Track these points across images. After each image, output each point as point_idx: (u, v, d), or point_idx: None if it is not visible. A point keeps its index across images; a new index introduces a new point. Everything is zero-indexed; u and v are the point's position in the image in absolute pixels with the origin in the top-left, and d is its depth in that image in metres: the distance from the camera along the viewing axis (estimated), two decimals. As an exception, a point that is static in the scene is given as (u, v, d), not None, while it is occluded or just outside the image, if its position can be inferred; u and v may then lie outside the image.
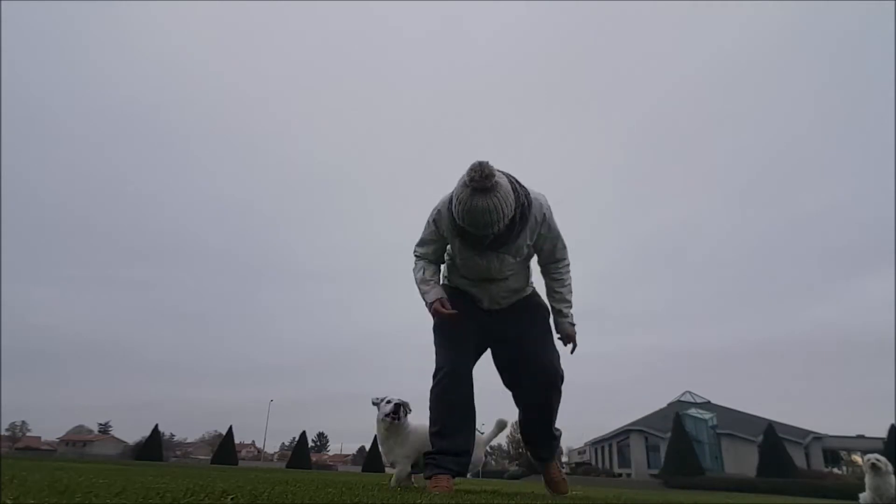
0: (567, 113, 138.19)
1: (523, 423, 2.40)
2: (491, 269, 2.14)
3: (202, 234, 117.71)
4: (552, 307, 2.34)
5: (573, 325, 2.31)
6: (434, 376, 2.20)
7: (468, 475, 2.31)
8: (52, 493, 1.15)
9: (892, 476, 4.79)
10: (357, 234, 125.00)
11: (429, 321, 2.27)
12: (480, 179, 1.78)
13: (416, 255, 2.31)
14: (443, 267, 2.42)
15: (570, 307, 2.32)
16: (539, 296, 2.43)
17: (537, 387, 2.26)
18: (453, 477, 2.13)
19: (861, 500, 4.97)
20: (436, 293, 2.19)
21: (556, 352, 2.31)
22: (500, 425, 2.91)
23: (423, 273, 2.24)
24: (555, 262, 2.28)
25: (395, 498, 1.48)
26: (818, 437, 26.33)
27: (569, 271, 2.32)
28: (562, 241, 2.22)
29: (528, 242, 2.11)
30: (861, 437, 26.95)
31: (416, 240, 2.31)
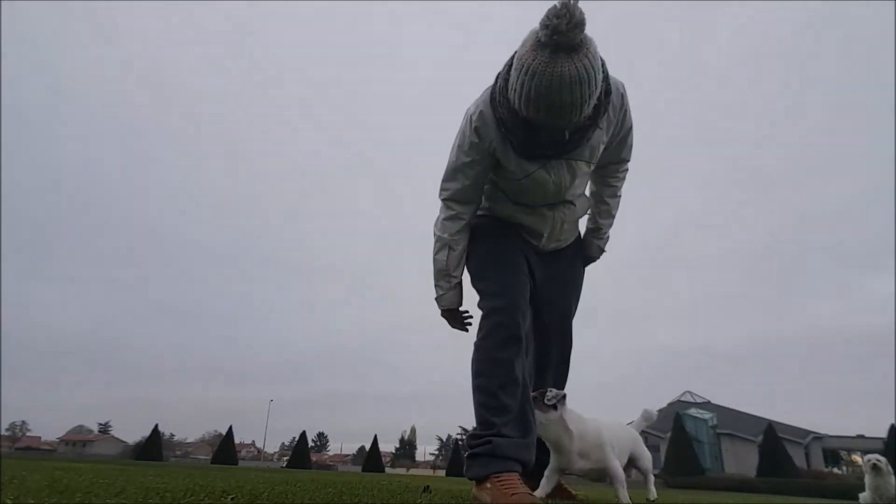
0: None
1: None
2: (562, 184, 1.54)
3: (202, 233, 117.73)
4: (591, 222, 1.85)
5: (603, 250, 1.88)
6: (484, 322, 1.57)
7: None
8: (52, 493, 1.15)
9: (893, 476, 4.79)
10: (358, 233, 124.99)
11: (429, 321, 1.97)
12: (567, 31, 1.14)
13: (443, 200, 1.66)
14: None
15: (611, 225, 1.86)
16: (580, 239, 1.90)
17: (553, 343, 1.77)
18: (522, 474, 1.44)
19: (861, 501, 4.97)
20: (449, 301, 1.73)
21: (574, 309, 1.85)
22: (648, 417, 2.13)
23: (448, 255, 1.66)
24: (617, 163, 1.72)
25: (395, 498, 1.48)
26: (818, 437, 26.31)
27: (625, 177, 1.78)
28: (632, 137, 1.66)
29: (604, 139, 1.53)
30: (861, 437, 26.92)
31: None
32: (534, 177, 1.51)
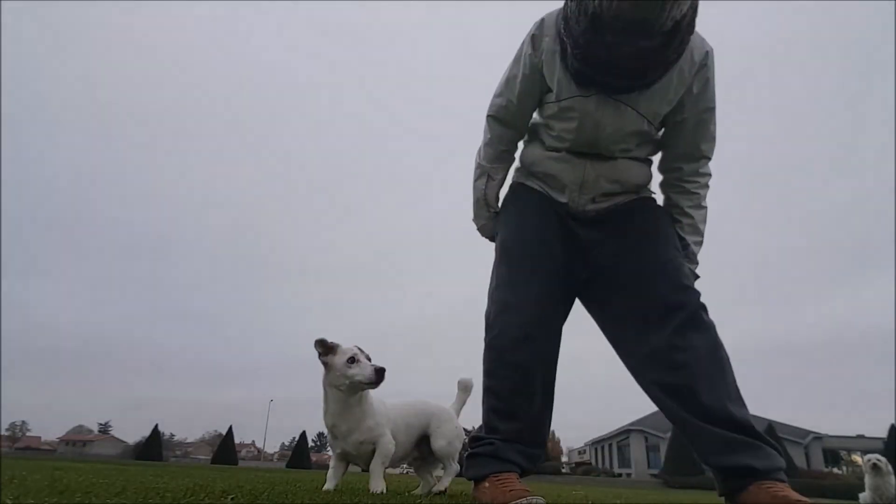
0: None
1: (667, 408, 1.29)
2: (602, 125, 1.34)
3: (203, 234, 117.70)
4: None
5: (695, 274, 1.48)
6: (496, 319, 1.44)
7: None
8: (52, 493, 1.15)
9: (893, 476, 4.80)
10: (358, 232, 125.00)
11: (432, 319, 1.93)
12: None
13: (487, 116, 1.53)
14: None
15: (700, 245, 1.51)
16: (657, 201, 1.55)
17: (670, 326, 1.28)
18: (521, 476, 1.36)
19: (861, 500, 4.97)
20: (490, 231, 1.64)
21: (690, 275, 1.42)
22: (464, 387, 1.97)
23: (487, 183, 1.56)
24: (695, 161, 1.44)
25: (395, 498, 1.48)
26: (818, 437, 26.31)
27: (708, 184, 1.48)
28: (715, 121, 1.40)
29: (673, 96, 1.31)
30: (861, 437, 26.94)
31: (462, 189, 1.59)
32: (573, 103, 1.33)
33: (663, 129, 1.45)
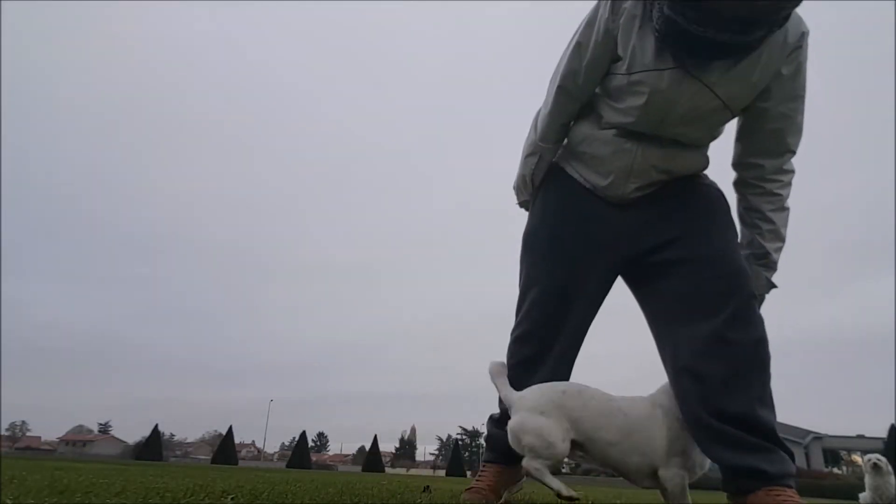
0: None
1: (695, 400, 1.18)
2: (674, 102, 1.18)
3: (203, 232, 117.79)
4: (755, 246, 1.34)
5: (773, 284, 1.34)
6: (511, 346, 1.40)
7: None
8: (52, 493, 1.15)
9: (893, 476, 4.80)
10: (358, 231, 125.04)
11: (430, 320, 1.83)
12: None
13: (559, 88, 1.32)
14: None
15: (780, 251, 1.35)
16: (713, 185, 1.39)
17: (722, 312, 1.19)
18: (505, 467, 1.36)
19: (861, 500, 4.97)
20: (540, 171, 1.45)
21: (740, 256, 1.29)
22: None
23: (537, 163, 1.44)
24: (779, 157, 1.27)
25: (395, 498, 1.48)
26: (818, 437, 26.30)
27: (791, 182, 1.32)
28: (802, 117, 1.24)
29: (758, 79, 1.16)
30: (861, 437, 26.93)
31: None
32: (646, 76, 1.18)
33: (742, 119, 1.28)
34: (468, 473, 30.25)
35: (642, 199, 1.34)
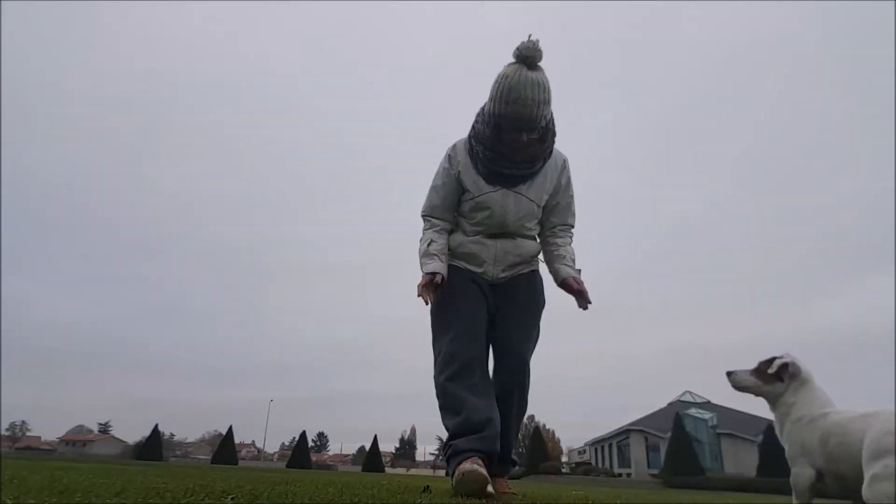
0: (576, 106, 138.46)
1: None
2: (507, 209, 1.91)
3: (202, 230, 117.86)
4: (552, 250, 2.06)
5: (575, 269, 2.00)
6: (438, 360, 1.89)
7: None
8: (52, 493, 1.15)
9: None
10: (358, 230, 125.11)
11: (429, 320, 2.04)
12: (533, 52, 1.67)
13: (423, 217, 2.06)
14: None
15: (570, 244, 2.07)
16: (541, 280, 2.10)
17: (511, 378, 1.93)
18: (483, 459, 1.67)
19: None
20: (435, 267, 1.91)
21: (531, 349, 2.00)
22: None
23: (429, 245, 1.97)
24: (564, 226, 2.06)
25: (395, 498, 1.48)
26: (818, 437, 26.29)
27: (572, 235, 2.10)
28: (574, 205, 2.06)
29: (548, 187, 1.95)
30: (861, 437, 26.92)
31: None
32: (486, 197, 1.92)
33: (545, 209, 2.04)
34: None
35: (505, 283, 2.02)
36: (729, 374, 1.59)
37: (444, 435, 1.86)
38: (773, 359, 1.49)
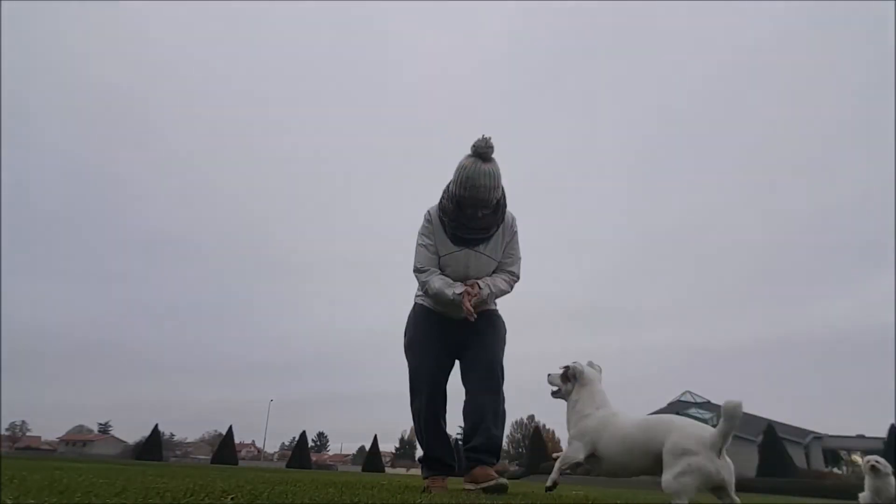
0: (580, 106, 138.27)
1: (470, 411, 2.34)
2: (468, 265, 2.37)
3: (202, 230, 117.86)
4: (498, 270, 2.48)
5: (487, 289, 2.34)
6: (414, 395, 2.42)
7: None
8: (52, 493, 1.15)
9: (892, 477, 4.80)
10: (358, 229, 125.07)
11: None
12: (486, 149, 2.14)
13: (418, 270, 2.42)
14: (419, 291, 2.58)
15: (490, 291, 2.35)
16: (499, 315, 2.56)
17: (482, 381, 2.35)
18: (446, 476, 2.39)
19: (861, 500, 4.98)
20: (458, 287, 2.29)
21: (501, 353, 2.45)
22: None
23: (440, 279, 2.34)
24: (508, 271, 2.46)
25: (395, 498, 1.48)
26: (818, 437, 26.32)
27: (510, 286, 2.46)
28: (520, 261, 2.49)
29: (502, 245, 2.42)
30: (861, 437, 26.95)
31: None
32: (453, 255, 2.37)
33: (499, 260, 2.46)
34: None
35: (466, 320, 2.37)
36: (549, 375, 2.01)
37: (467, 411, 2.36)
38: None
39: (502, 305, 2.60)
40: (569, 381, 1.93)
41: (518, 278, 2.49)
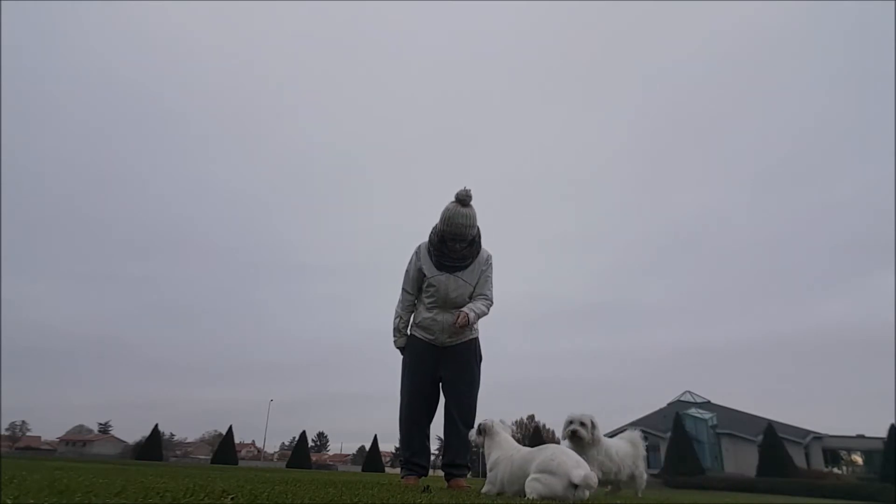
0: (581, 102, 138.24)
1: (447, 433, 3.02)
2: (448, 287, 2.95)
3: (202, 230, 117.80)
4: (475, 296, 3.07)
5: (473, 314, 2.91)
6: (401, 409, 3.06)
7: None
8: (52, 493, 1.15)
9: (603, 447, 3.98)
10: (358, 229, 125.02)
11: None
12: (465, 197, 2.83)
13: (403, 290, 3.14)
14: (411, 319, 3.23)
15: (475, 314, 2.93)
16: (479, 346, 3.15)
17: (458, 420, 2.96)
18: (419, 477, 3.01)
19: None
20: (402, 343, 3.14)
21: (476, 391, 3.06)
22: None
23: (398, 322, 3.14)
24: (481, 295, 3.02)
25: (395, 498, 1.48)
26: (818, 437, 26.31)
27: (487, 308, 3.02)
28: (492, 289, 3.06)
29: (477, 274, 3.00)
30: (861, 437, 26.94)
31: (410, 252, 3.14)
32: (437, 278, 2.97)
33: (474, 286, 3.04)
34: (468, 474, 30.20)
35: (452, 348, 3.05)
36: (469, 433, 2.74)
37: (444, 435, 2.91)
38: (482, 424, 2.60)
39: (502, 305, 3.14)
40: (481, 435, 2.55)
41: (492, 302, 3.06)
